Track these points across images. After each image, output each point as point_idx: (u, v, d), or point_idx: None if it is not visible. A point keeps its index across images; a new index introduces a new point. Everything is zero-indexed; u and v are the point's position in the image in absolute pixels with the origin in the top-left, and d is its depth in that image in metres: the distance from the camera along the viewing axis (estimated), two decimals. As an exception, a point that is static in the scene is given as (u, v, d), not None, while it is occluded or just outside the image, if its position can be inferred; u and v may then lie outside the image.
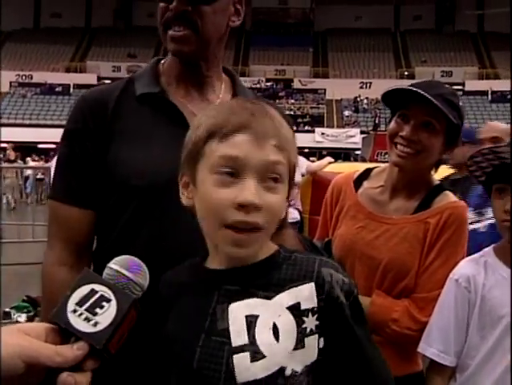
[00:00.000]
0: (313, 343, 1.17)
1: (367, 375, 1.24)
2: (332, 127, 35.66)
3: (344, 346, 1.21)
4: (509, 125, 3.53)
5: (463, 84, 41.12)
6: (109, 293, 0.99)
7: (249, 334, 1.15)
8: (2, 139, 23.92)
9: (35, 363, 0.88)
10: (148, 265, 1.14)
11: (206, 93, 1.77)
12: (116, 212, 1.66)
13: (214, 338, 1.17)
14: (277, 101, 38.65)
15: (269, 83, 41.37)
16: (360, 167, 2.37)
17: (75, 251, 1.69)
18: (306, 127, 35.06)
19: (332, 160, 7.53)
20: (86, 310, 0.96)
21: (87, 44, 48.18)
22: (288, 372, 1.14)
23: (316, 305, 1.17)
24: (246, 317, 1.16)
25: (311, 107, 38.51)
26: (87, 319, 0.95)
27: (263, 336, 1.14)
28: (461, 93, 39.24)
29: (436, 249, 1.98)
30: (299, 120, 35.92)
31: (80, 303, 0.97)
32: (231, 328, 1.16)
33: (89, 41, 48.47)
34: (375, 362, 1.26)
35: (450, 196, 2.05)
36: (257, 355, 1.13)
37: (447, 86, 2.10)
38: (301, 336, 1.16)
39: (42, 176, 15.65)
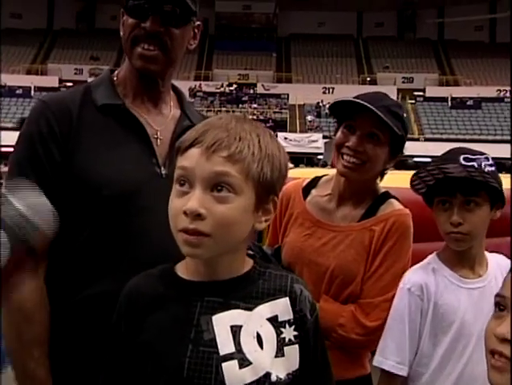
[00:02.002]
0: (294, 352, 1.29)
1: None
2: (295, 131, 35.69)
3: (308, 359, 1.32)
4: None
5: (424, 90, 41.61)
6: None
7: (235, 342, 1.23)
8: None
9: None
10: (115, 272, 1.16)
11: (160, 107, 1.84)
12: (81, 220, 1.65)
13: (202, 348, 1.22)
14: (240, 105, 38.73)
15: (232, 88, 41.32)
16: (320, 173, 2.40)
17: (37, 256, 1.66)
18: (269, 132, 35.11)
19: (292, 165, 7.58)
20: None
21: (49, 46, 47.43)
22: (273, 378, 1.24)
23: (292, 317, 1.31)
24: (231, 327, 1.23)
25: (274, 112, 38.48)
26: None
27: (248, 344, 1.23)
28: (421, 99, 39.81)
29: (381, 255, 2.03)
30: (262, 125, 35.87)
31: None
32: (218, 338, 1.22)
33: (51, 43, 47.71)
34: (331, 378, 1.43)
35: (395, 204, 2.10)
36: (244, 362, 1.22)
37: (392, 98, 2.14)
38: (280, 345, 1.27)
39: (1, 181, 15.40)
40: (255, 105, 39.27)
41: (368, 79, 43.10)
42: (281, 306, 1.30)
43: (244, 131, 1.26)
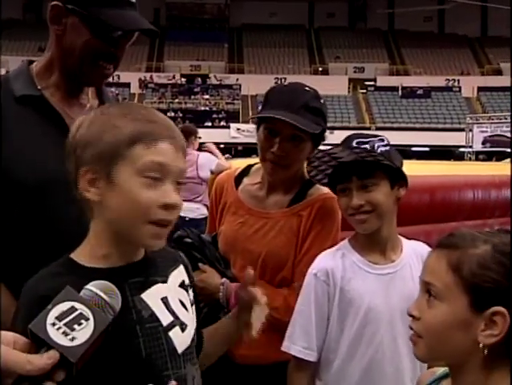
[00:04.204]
0: (194, 311, 1.44)
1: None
2: (248, 122, 35.57)
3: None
4: None
5: (375, 80, 42.05)
6: (88, 312, 1.04)
7: (170, 312, 1.33)
8: None
9: (4, 369, 0.90)
10: (37, 258, 1.28)
11: (79, 98, 1.89)
12: (8, 212, 1.67)
13: (148, 325, 1.28)
14: (192, 97, 38.53)
15: (184, 79, 41.04)
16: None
17: None
18: (222, 123, 35.07)
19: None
20: (65, 324, 1.00)
21: (-5, 37, 46.43)
22: (192, 334, 1.39)
23: (189, 281, 1.46)
24: (161, 299, 1.33)
25: (227, 103, 38.41)
26: (65, 333, 0.99)
27: (179, 310, 1.35)
28: (372, 88, 40.26)
29: (309, 239, 2.09)
30: (215, 116, 35.86)
31: (60, 318, 1.01)
32: (156, 312, 1.30)
33: (-3, 34, 46.72)
34: None
35: (322, 189, 2.13)
36: (183, 326, 1.35)
37: (307, 88, 2.13)
38: (189, 305, 1.42)
39: None
40: (207, 96, 39.12)
41: (320, 69, 43.34)
42: (183, 273, 1.44)
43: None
